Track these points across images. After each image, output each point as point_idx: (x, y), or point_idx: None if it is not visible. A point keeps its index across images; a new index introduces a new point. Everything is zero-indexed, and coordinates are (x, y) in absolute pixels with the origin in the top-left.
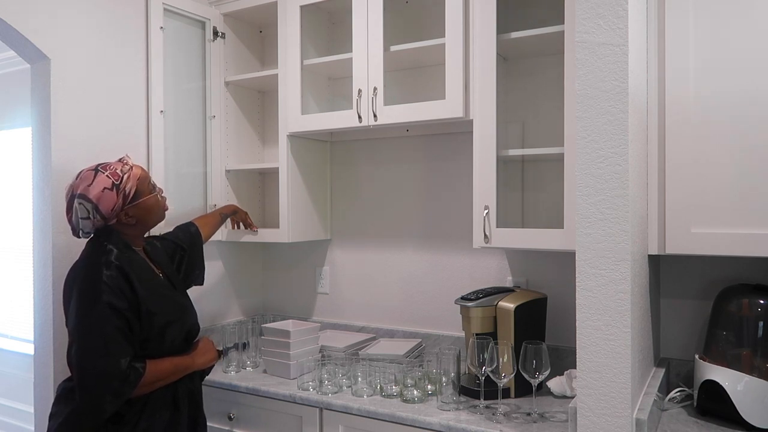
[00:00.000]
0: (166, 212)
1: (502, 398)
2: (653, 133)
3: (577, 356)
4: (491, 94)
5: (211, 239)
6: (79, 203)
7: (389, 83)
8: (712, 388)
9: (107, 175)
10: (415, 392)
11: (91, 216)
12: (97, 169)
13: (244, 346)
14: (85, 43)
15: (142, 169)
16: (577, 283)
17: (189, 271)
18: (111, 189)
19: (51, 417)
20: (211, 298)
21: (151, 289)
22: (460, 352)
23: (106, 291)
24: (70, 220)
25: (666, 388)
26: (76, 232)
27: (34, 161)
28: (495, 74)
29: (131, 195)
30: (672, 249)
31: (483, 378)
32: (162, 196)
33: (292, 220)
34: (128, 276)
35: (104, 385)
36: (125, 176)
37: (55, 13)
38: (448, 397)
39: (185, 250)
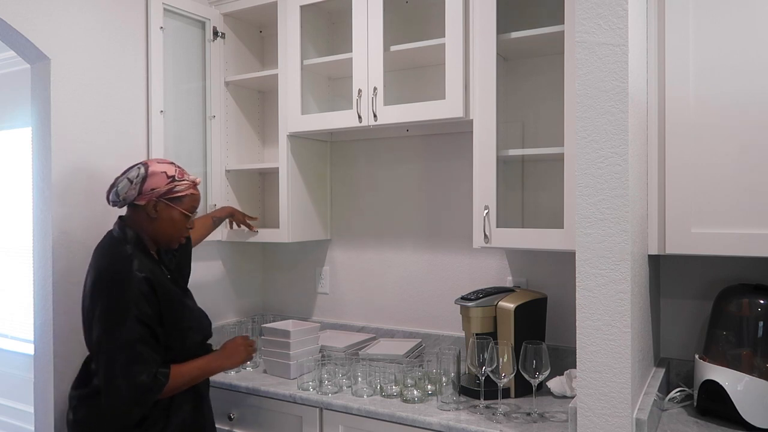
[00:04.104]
0: (178, 243)
1: (502, 398)
2: (653, 133)
3: (577, 356)
4: (491, 94)
5: (211, 239)
6: (139, 168)
7: (389, 83)
8: (712, 388)
9: (176, 169)
10: (415, 392)
11: (134, 182)
12: (174, 163)
13: None
14: (85, 43)
15: (199, 200)
16: (577, 283)
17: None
18: (167, 177)
19: (74, 423)
20: (211, 298)
21: (172, 298)
22: (460, 352)
23: (134, 302)
24: (117, 180)
25: (666, 388)
26: (108, 193)
27: (34, 161)
28: (495, 74)
29: (174, 194)
30: (672, 249)
31: (483, 378)
32: (188, 228)
33: (292, 220)
34: (153, 286)
35: (132, 397)
36: (185, 182)
37: (55, 13)
38: (448, 397)
39: (176, 251)
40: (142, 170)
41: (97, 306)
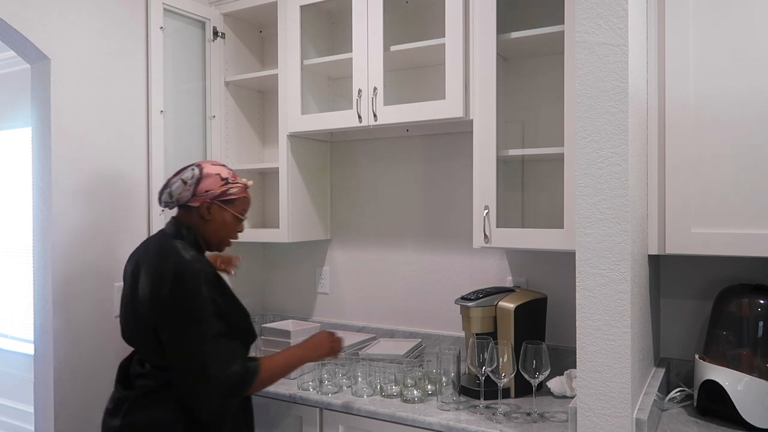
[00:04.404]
0: (226, 246)
1: (502, 398)
2: (653, 133)
3: (577, 356)
4: (491, 94)
5: None
6: (192, 169)
7: (389, 83)
8: (712, 388)
9: (229, 171)
10: (415, 392)
11: (189, 182)
12: (225, 166)
13: None
14: (85, 43)
15: (250, 203)
16: (577, 283)
17: None
18: (221, 180)
19: (125, 427)
20: None
21: (230, 296)
22: (460, 352)
23: (210, 298)
24: (170, 181)
25: (666, 388)
26: (161, 195)
27: (34, 161)
28: (495, 74)
29: (228, 197)
30: (672, 249)
31: (483, 378)
32: (238, 231)
33: (292, 220)
34: (221, 284)
35: (227, 388)
36: (238, 185)
37: (56, 13)
38: (448, 397)
39: None
40: (197, 171)
41: (173, 306)
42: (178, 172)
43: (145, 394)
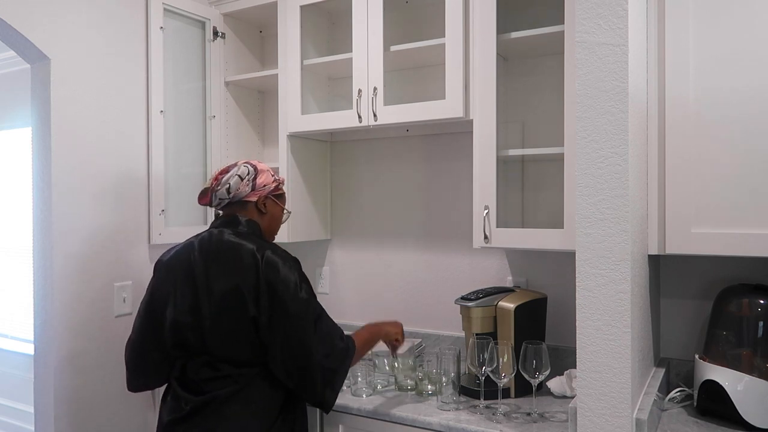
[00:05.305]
0: (271, 240)
1: (502, 398)
2: (653, 133)
3: (577, 356)
4: (491, 94)
5: None
6: (245, 165)
7: (389, 83)
8: (712, 388)
9: (272, 168)
10: (416, 392)
11: (246, 179)
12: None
13: None
14: (85, 43)
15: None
16: (577, 283)
17: None
18: (271, 176)
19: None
20: None
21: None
22: (460, 352)
23: (309, 283)
24: (217, 179)
25: (666, 388)
26: (212, 192)
27: (34, 161)
28: (495, 74)
29: (278, 191)
30: (672, 249)
31: (483, 378)
32: (281, 224)
33: (292, 219)
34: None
35: (349, 362)
36: (282, 182)
37: (55, 13)
38: (448, 397)
39: None
40: (251, 168)
41: (287, 294)
42: (223, 171)
43: (227, 399)
